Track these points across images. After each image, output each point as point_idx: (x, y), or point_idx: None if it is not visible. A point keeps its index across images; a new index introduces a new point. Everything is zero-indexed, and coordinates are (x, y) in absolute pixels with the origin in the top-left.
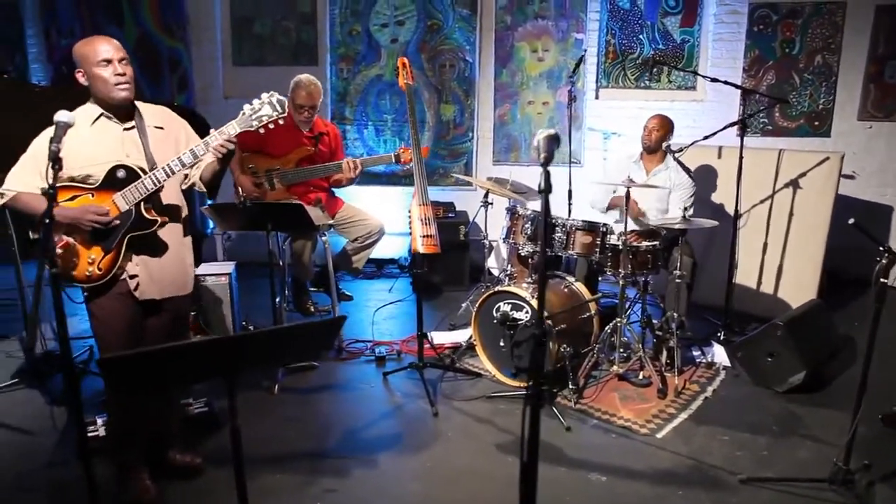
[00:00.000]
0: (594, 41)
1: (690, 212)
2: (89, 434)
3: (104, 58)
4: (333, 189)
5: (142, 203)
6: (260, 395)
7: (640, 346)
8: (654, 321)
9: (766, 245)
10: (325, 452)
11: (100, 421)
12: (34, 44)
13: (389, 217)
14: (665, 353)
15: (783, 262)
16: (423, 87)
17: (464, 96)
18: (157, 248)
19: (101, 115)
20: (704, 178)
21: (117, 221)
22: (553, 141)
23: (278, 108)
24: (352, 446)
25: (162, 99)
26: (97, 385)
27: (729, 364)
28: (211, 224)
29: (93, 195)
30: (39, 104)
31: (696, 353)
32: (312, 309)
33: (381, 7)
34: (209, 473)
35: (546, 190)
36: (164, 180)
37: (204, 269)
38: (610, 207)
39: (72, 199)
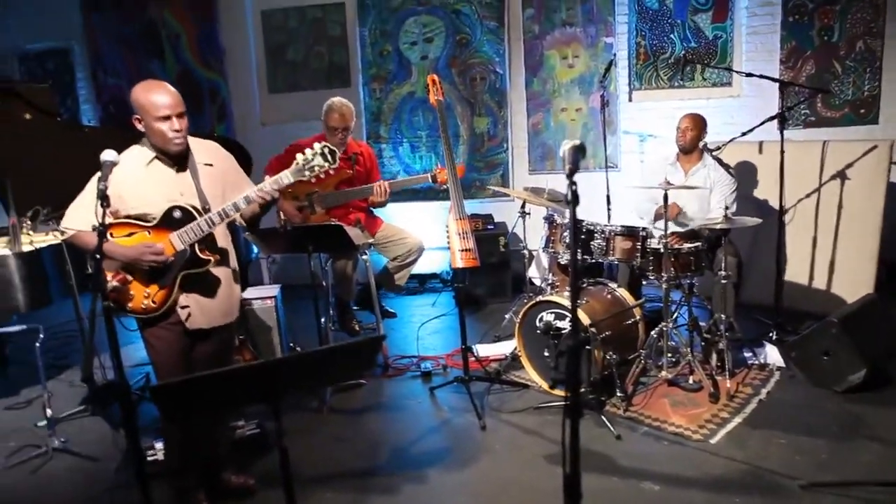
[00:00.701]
0: (624, 44)
1: (733, 209)
2: (148, 458)
3: (163, 115)
4: (372, 209)
5: (196, 243)
6: (309, 415)
7: (689, 349)
8: (702, 324)
9: (815, 240)
10: (374, 471)
11: (158, 445)
12: (83, 86)
13: (428, 232)
14: (715, 355)
15: (835, 256)
16: (456, 101)
17: (496, 108)
18: (208, 284)
19: (155, 157)
20: (746, 175)
21: (172, 258)
22: (577, 151)
23: (329, 158)
24: (400, 463)
25: (203, 130)
26: (155, 411)
27: (783, 364)
28: (255, 249)
29: (150, 233)
30: (91, 144)
31: (747, 354)
32: (357, 328)
33: (410, 26)
34: (262, 494)
35: (573, 201)
36: (218, 223)
37: (250, 293)
38: (657, 218)
39: (129, 235)
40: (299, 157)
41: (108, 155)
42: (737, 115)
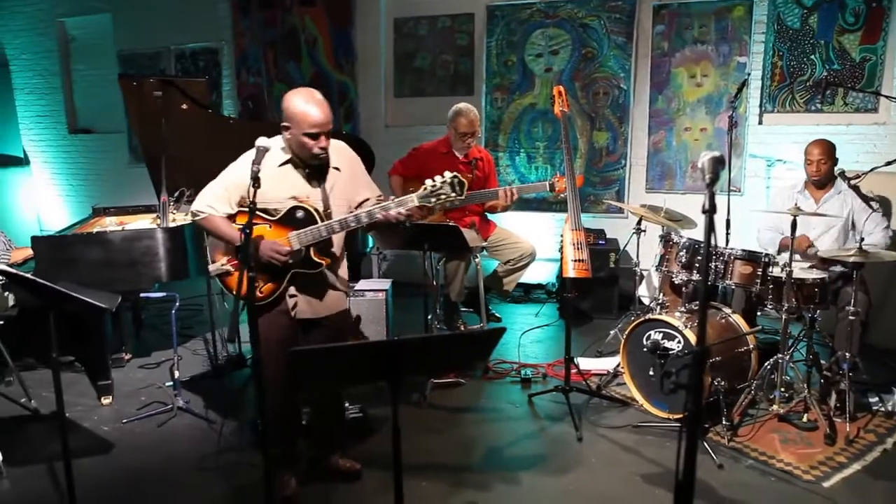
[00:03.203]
0: (759, 64)
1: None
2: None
3: (313, 132)
4: (487, 214)
5: (312, 246)
6: (409, 407)
7: (806, 386)
8: (822, 361)
9: None
10: (469, 466)
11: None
12: (227, 82)
13: (539, 242)
14: (834, 396)
15: None
16: (577, 114)
17: (617, 123)
18: (317, 283)
19: (290, 161)
20: (884, 208)
21: (291, 261)
22: (718, 163)
23: (458, 189)
24: (494, 462)
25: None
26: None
27: None
28: (370, 243)
29: (270, 227)
30: (234, 135)
31: (872, 399)
32: (463, 328)
33: (536, 38)
34: (364, 474)
35: (710, 210)
36: (338, 231)
37: (363, 284)
38: (781, 249)
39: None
40: (428, 182)
41: (262, 141)
42: (880, 143)
